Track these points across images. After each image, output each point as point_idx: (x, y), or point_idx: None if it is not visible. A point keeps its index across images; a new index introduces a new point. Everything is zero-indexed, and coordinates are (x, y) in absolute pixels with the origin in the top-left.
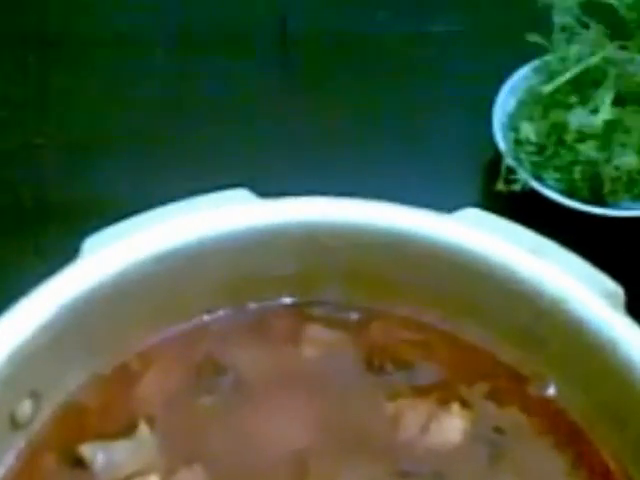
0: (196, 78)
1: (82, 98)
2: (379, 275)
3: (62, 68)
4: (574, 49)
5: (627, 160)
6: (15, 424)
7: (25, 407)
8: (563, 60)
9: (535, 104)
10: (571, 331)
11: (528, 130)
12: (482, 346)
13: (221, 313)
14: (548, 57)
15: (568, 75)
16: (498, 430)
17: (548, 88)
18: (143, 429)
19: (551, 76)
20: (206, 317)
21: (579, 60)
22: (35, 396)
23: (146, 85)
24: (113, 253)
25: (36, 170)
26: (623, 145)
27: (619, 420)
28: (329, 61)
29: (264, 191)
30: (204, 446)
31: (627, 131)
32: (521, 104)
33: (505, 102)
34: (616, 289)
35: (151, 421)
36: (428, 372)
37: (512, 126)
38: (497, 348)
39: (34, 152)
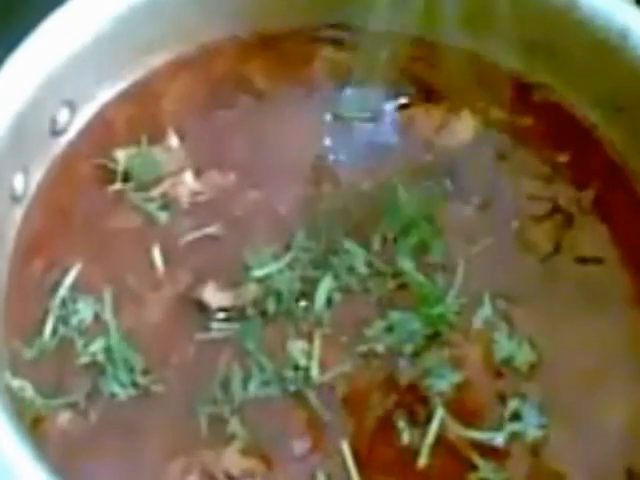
0: None
1: None
2: None
3: None
4: None
5: None
6: (54, 131)
7: (63, 114)
8: None
9: None
10: (581, 31)
11: None
12: (491, 59)
13: (234, 36)
14: None
15: None
16: (505, 130)
17: None
18: (172, 138)
19: None
20: (222, 39)
21: None
22: (70, 106)
23: None
24: None
25: None
26: None
27: (625, 114)
28: None
29: None
30: (229, 153)
31: None
32: None
33: None
34: None
35: (178, 132)
36: (439, 85)
37: None
38: (506, 60)
39: None
